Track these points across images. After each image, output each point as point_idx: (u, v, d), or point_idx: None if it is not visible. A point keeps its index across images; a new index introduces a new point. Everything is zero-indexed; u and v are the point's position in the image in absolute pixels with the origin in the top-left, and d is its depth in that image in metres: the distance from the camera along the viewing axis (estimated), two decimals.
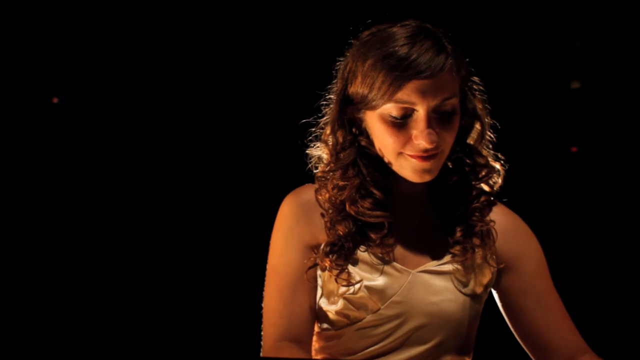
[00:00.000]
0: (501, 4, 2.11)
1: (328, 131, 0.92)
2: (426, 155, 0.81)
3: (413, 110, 0.80)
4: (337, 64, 0.91)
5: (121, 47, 2.12)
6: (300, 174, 0.96)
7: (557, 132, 2.17)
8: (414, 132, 0.80)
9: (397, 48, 0.80)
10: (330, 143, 0.92)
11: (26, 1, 2.04)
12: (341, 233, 0.87)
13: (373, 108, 0.83)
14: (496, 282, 0.94)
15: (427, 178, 0.85)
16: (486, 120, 0.91)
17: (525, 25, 2.12)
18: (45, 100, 2.14)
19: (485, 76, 0.93)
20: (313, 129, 0.95)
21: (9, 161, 2.06)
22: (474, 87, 0.91)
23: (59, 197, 2.11)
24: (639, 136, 2.07)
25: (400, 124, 0.81)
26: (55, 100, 2.16)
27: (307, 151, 0.96)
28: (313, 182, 0.94)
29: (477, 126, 0.91)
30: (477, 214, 0.90)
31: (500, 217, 0.94)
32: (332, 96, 0.92)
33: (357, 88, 0.84)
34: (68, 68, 2.12)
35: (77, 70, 2.12)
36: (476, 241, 0.89)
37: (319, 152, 0.96)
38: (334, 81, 0.92)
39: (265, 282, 0.93)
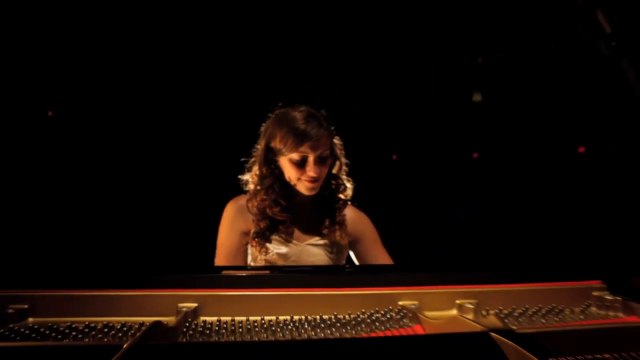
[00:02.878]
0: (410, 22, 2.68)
1: (256, 167, 1.53)
2: (312, 180, 1.47)
3: (307, 157, 1.45)
4: (261, 126, 1.53)
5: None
6: (235, 189, 1.57)
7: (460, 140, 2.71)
8: (307, 168, 1.44)
9: (297, 125, 1.43)
10: (258, 174, 1.53)
11: None
12: (263, 226, 1.49)
13: (284, 155, 1.45)
14: (350, 246, 1.65)
15: (313, 193, 1.48)
16: (342, 160, 1.60)
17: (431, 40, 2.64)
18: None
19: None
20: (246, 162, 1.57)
21: None
22: (337, 142, 1.60)
23: None
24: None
25: (299, 164, 1.45)
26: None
27: (239, 177, 1.58)
28: (243, 193, 1.56)
29: (338, 164, 1.58)
30: (337, 211, 1.60)
31: (350, 212, 1.62)
32: (258, 146, 1.53)
33: (276, 144, 1.46)
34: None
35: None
36: (337, 227, 1.59)
37: (247, 177, 1.57)
38: (259, 140, 1.55)
39: (217, 252, 1.52)
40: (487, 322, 0.83)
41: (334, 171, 1.58)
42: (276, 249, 1.52)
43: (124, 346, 0.65)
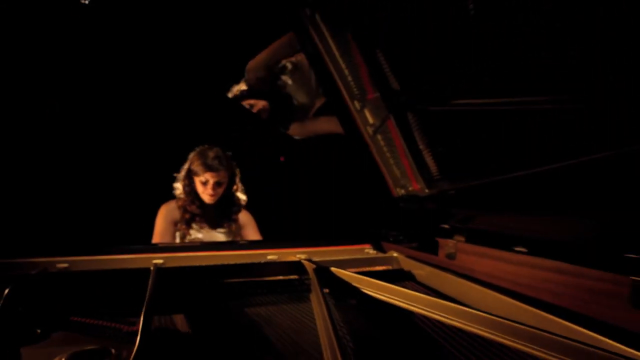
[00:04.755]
0: None
1: (180, 181, 2.39)
2: (210, 195, 2.36)
3: (208, 180, 2.34)
4: (189, 155, 2.40)
5: None
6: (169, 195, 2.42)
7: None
8: (208, 187, 2.34)
9: (207, 160, 2.31)
10: (182, 184, 2.38)
11: None
12: (187, 217, 2.35)
13: (197, 176, 2.33)
14: (240, 234, 2.57)
15: (211, 202, 2.37)
16: (238, 183, 2.53)
17: None
18: None
19: None
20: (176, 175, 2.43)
21: None
22: (236, 173, 2.51)
23: None
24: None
25: (204, 183, 2.34)
26: None
27: (173, 184, 2.42)
28: (174, 199, 2.42)
29: (235, 187, 2.50)
30: (233, 214, 2.51)
31: (241, 214, 2.57)
32: (185, 166, 2.39)
33: (194, 168, 2.33)
34: None
35: None
36: (232, 222, 2.50)
37: (177, 185, 2.42)
38: (186, 162, 2.41)
39: (153, 236, 2.35)
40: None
41: (233, 189, 2.49)
42: (194, 234, 2.39)
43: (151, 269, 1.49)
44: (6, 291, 1.14)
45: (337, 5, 1.84)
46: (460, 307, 1.10)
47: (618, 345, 0.84)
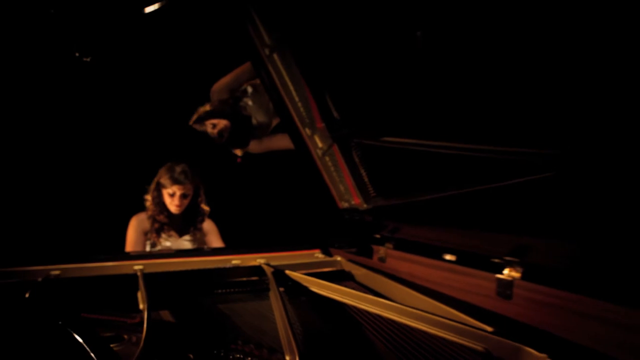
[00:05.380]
0: None
1: (150, 193, 2.68)
2: (176, 206, 2.68)
3: (175, 193, 2.65)
4: (159, 170, 2.69)
5: None
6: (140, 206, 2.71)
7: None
8: (174, 199, 2.65)
9: (174, 174, 2.62)
10: (151, 197, 2.67)
11: None
12: (156, 226, 2.65)
13: (165, 188, 2.64)
14: (204, 240, 2.89)
15: (177, 212, 2.69)
16: (202, 195, 2.84)
17: None
18: None
19: None
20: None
21: None
22: (201, 187, 2.82)
23: None
24: None
25: (171, 195, 2.65)
26: None
27: (144, 196, 2.71)
28: (143, 210, 2.70)
29: (198, 196, 2.82)
30: (198, 223, 2.82)
31: (205, 223, 2.89)
32: (155, 180, 2.68)
33: (162, 181, 2.63)
34: None
35: None
36: (197, 231, 2.81)
37: (147, 197, 2.71)
38: (156, 176, 2.70)
39: (126, 246, 2.63)
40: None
41: (198, 201, 2.80)
42: (163, 242, 2.69)
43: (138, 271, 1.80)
44: (27, 295, 1.43)
45: (293, 48, 2.19)
46: (383, 300, 1.48)
47: (481, 324, 1.24)
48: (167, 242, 2.71)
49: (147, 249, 2.70)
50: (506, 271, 1.37)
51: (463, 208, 1.67)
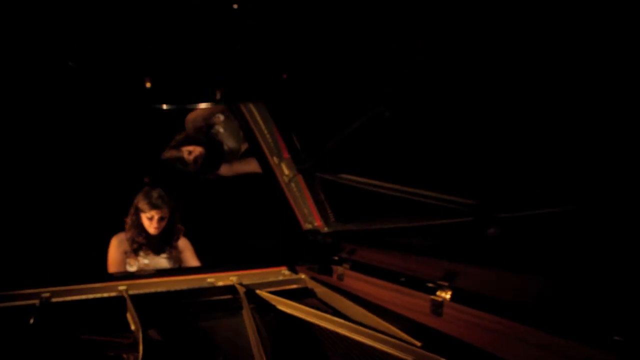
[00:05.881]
0: None
1: (130, 217, 2.90)
2: (155, 228, 2.91)
3: (153, 216, 2.88)
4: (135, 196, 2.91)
5: None
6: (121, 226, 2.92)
7: None
8: (152, 222, 2.88)
9: (152, 199, 2.85)
10: (131, 220, 2.90)
11: None
12: (135, 246, 2.87)
13: (143, 213, 2.87)
14: (180, 258, 3.12)
15: (156, 233, 2.94)
16: (176, 216, 3.08)
17: None
18: None
19: None
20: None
21: None
22: (174, 207, 3.06)
23: None
24: None
25: (150, 219, 2.88)
26: None
27: (125, 219, 2.92)
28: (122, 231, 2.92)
29: (173, 217, 3.05)
30: (173, 242, 3.06)
31: (180, 241, 3.13)
32: (133, 204, 2.90)
33: (140, 206, 2.86)
34: None
35: None
36: (173, 249, 3.05)
37: (128, 219, 2.92)
38: (134, 202, 2.92)
39: (108, 267, 2.84)
40: (238, 282, 2.40)
41: (173, 222, 3.04)
42: (142, 260, 2.91)
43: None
44: (31, 320, 1.65)
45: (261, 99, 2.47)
46: (336, 318, 1.77)
47: (412, 340, 1.55)
48: (145, 260, 2.92)
49: (127, 266, 2.91)
50: (438, 293, 1.68)
51: (407, 236, 1.99)
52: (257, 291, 2.13)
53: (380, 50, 1.74)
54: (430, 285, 1.71)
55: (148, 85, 2.08)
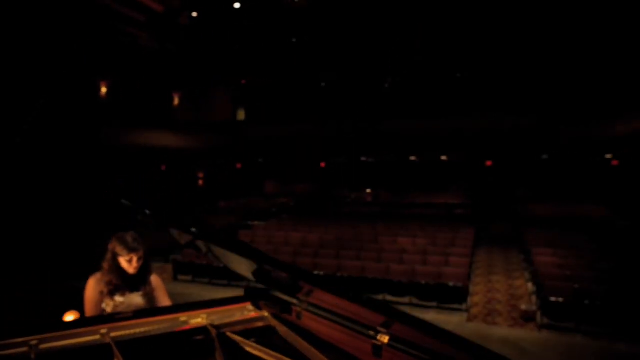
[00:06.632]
0: None
1: (107, 262, 3.16)
2: (135, 269, 3.18)
3: (132, 258, 3.15)
4: (110, 241, 3.17)
5: None
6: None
7: None
8: (132, 263, 3.14)
9: (128, 244, 3.12)
10: (108, 265, 3.16)
11: None
12: (111, 287, 3.13)
13: (121, 257, 3.13)
14: (153, 295, 3.39)
15: (134, 272, 3.21)
16: (148, 257, 3.35)
17: None
18: None
19: None
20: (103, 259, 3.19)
21: None
22: (146, 251, 3.33)
23: None
24: None
25: (129, 261, 3.15)
26: None
27: (102, 264, 3.18)
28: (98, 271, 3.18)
29: (147, 257, 3.33)
30: (147, 279, 3.33)
31: (152, 277, 3.40)
32: (110, 250, 3.16)
33: (117, 251, 3.12)
34: None
35: None
36: (147, 286, 3.32)
37: (104, 264, 3.18)
38: (109, 248, 3.18)
39: (85, 307, 3.09)
40: (210, 322, 2.71)
41: (147, 260, 3.31)
42: (118, 299, 3.17)
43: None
44: None
45: None
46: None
47: None
48: (121, 298, 3.16)
49: (104, 305, 3.13)
50: (378, 337, 2.06)
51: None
52: (228, 333, 2.45)
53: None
54: (370, 333, 2.08)
55: None
